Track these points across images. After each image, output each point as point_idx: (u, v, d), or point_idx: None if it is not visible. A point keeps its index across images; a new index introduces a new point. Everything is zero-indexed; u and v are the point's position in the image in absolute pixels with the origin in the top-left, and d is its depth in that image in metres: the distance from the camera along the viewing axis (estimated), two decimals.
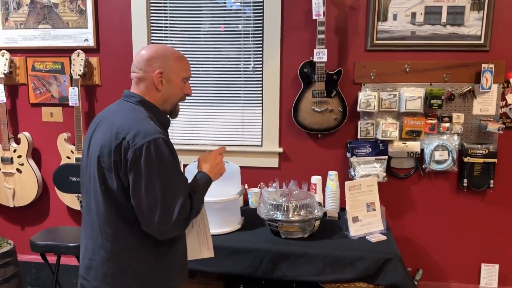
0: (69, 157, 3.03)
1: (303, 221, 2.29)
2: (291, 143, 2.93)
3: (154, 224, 1.53)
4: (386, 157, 2.77)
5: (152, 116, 1.61)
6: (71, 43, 3.02)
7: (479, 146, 2.72)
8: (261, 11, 2.85)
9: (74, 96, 2.91)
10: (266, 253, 2.23)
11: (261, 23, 2.86)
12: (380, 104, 2.74)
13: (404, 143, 2.78)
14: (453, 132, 2.74)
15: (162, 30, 2.97)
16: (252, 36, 2.90)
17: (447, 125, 2.73)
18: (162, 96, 1.66)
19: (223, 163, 1.81)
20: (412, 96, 2.68)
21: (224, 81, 2.97)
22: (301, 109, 2.81)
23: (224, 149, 1.85)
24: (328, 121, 2.79)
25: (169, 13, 2.94)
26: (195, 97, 2.99)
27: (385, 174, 2.73)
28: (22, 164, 3.09)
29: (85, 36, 3.00)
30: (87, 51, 2.97)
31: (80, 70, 2.90)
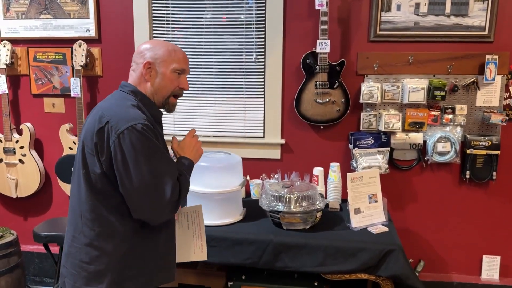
0: (71, 148, 3.03)
1: (305, 213, 2.29)
2: (293, 134, 2.92)
3: (146, 208, 1.53)
4: (388, 148, 2.77)
5: (141, 106, 1.63)
6: (72, 34, 3.01)
7: (482, 138, 2.71)
8: (263, 1, 2.82)
9: (76, 87, 2.91)
10: (268, 244, 2.23)
11: (264, 13, 2.84)
12: (383, 95, 2.72)
13: (406, 135, 2.77)
14: (456, 123, 2.73)
15: (164, 20, 2.96)
16: (254, 26, 2.88)
17: (450, 116, 2.72)
18: (151, 87, 1.67)
19: (199, 143, 1.81)
20: (415, 87, 2.67)
21: (226, 72, 2.96)
22: (303, 100, 2.79)
23: (194, 130, 1.85)
24: (330, 112, 2.78)
25: (171, 4, 2.92)
26: (197, 88, 2.99)
27: (387, 165, 2.73)
28: (24, 154, 3.09)
29: (86, 26, 2.99)
30: (88, 41, 2.96)
31: (81, 60, 2.89)
